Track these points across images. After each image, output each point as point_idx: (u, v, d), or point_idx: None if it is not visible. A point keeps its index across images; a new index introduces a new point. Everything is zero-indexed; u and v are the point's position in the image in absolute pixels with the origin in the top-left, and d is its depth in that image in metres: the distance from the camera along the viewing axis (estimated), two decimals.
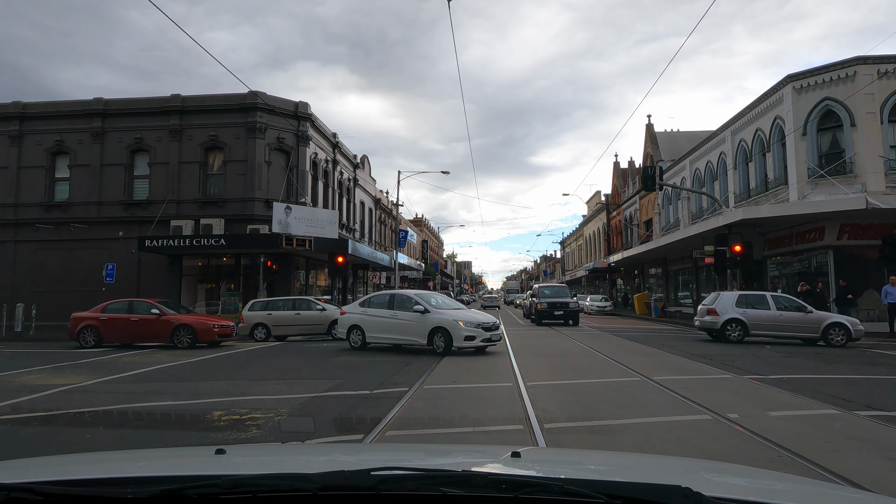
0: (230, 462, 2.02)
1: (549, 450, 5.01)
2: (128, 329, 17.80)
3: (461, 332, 14.03)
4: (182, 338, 17.29)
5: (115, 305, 18.70)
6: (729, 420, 6.74)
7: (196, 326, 17.46)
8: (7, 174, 27.28)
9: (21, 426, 7.34)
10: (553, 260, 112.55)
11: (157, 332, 17.53)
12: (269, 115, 26.63)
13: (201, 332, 17.40)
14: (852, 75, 21.30)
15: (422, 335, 14.58)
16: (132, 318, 17.81)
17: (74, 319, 18.38)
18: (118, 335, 17.84)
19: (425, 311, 14.67)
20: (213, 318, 19.61)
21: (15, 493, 1.44)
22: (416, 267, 55.22)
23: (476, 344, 14.12)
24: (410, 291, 17.07)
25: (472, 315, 15.22)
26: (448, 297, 16.97)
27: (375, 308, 15.84)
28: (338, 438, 6.46)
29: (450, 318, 14.39)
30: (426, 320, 14.60)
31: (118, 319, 17.89)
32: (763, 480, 2.11)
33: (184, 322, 17.50)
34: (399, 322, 15.06)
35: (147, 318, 17.71)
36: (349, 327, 15.99)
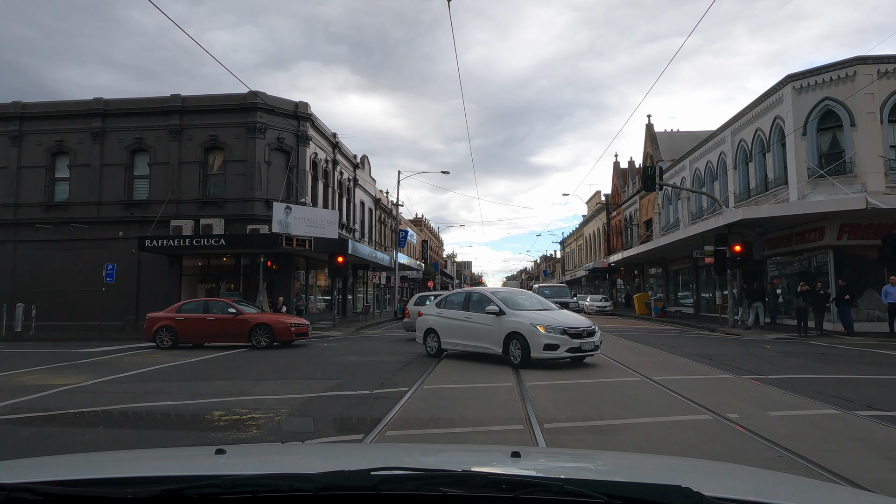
0: (230, 462, 2.02)
1: (549, 450, 5.01)
2: (205, 329, 17.39)
3: (540, 340, 11.44)
4: (259, 337, 16.84)
5: (189, 305, 18.40)
6: (729, 420, 6.74)
7: (274, 326, 17.00)
8: (7, 174, 27.28)
9: (21, 426, 7.34)
10: (553, 260, 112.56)
11: (234, 331, 17.12)
12: (269, 115, 26.62)
13: (279, 331, 16.96)
14: (852, 75, 21.30)
15: (496, 342, 12.27)
16: (209, 318, 17.41)
17: (150, 320, 17.97)
18: (195, 335, 17.43)
19: (500, 313, 12.30)
20: (289, 316, 19.08)
21: (15, 493, 1.44)
22: (416, 267, 55.21)
23: (559, 355, 11.44)
24: (488, 288, 14.67)
25: (557, 317, 12.28)
26: (534, 295, 14.32)
27: (451, 309, 13.78)
28: (338, 438, 6.46)
29: (526, 322, 11.80)
30: (501, 324, 12.19)
31: (195, 319, 17.45)
32: (763, 480, 2.11)
33: (262, 321, 17.08)
34: (473, 326, 12.90)
35: (224, 317, 17.33)
36: (425, 331, 14.14)
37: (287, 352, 16.09)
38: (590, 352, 11.81)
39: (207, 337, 17.49)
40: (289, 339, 17.04)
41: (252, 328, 16.96)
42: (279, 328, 17.00)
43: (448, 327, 13.54)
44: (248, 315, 17.33)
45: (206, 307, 18.02)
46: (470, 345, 13.03)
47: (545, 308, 13.12)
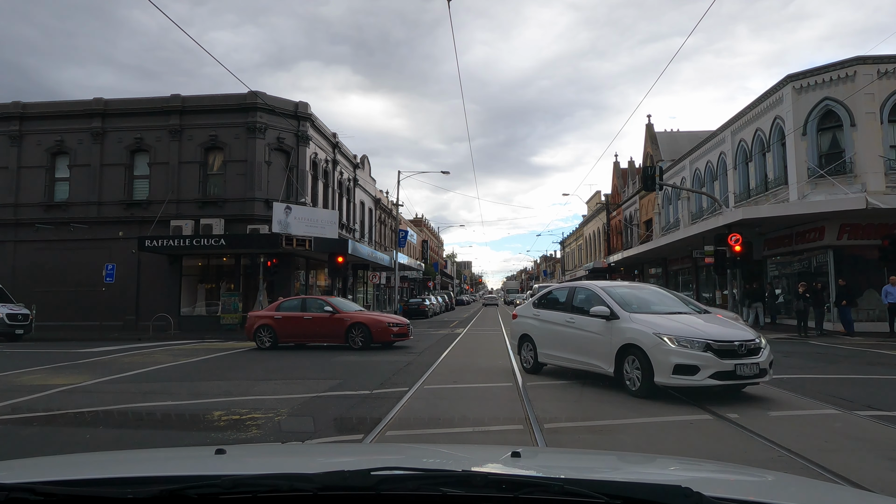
0: (230, 462, 2.02)
1: (549, 450, 5.01)
2: (302, 328, 16.61)
3: (668, 358, 7.80)
4: (356, 337, 15.85)
5: (288, 303, 17.70)
6: (729, 420, 6.74)
7: (371, 326, 15.92)
8: (7, 174, 27.28)
9: (21, 426, 7.34)
10: (553, 260, 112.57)
11: (330, 331, 16.23)
12: (269, 115, 26.62)
13: (377, 331, 15.86)
14: (852, 75, 21.30)
15: (605, 357, 8.81)
16: (306, 317, 16.62)
17: (251, 318, 17.50)
18: (292, 335, 16.75)
19: (611, 317, 8.83)
20: (387, 315, 18.04)
21: (15, 493, 1.44)
22: (416, 267, 55.22)
23: (699, 381, 7.64)
24: (599, 283, 10.27)
25: (696, 325, 8.33)
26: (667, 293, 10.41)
27: (550, 309, 10.59)
28: (338, 438, 6.46)
29: (647, 331, 8.18)
30: (612, 332, 8.72)
31: (292, 318, 16.71)
32: (763, 480, 2.11)
33: (358, 320, 16.05)
34: (575, 333, 9.53)
35: (320, 316, 16.44)
36: (519, 338, 11.24)
37: (287, 352, 16.09)
38: (751, 379, 7.91)
39: (305, 336, 16.65)
40: (387, 339, 15.93)
41: (349, 328, 15.93)
42: (377, 328, 15.90)
43: (546, 334, 10.39)
44: (344, 313, 16.34)
45: (303, 305, 17.20)
46: (571, 359, 9.75)
47: (679, 311, 9.19)
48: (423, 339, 19.76)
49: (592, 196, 65.73)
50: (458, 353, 14.74)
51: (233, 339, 21.34)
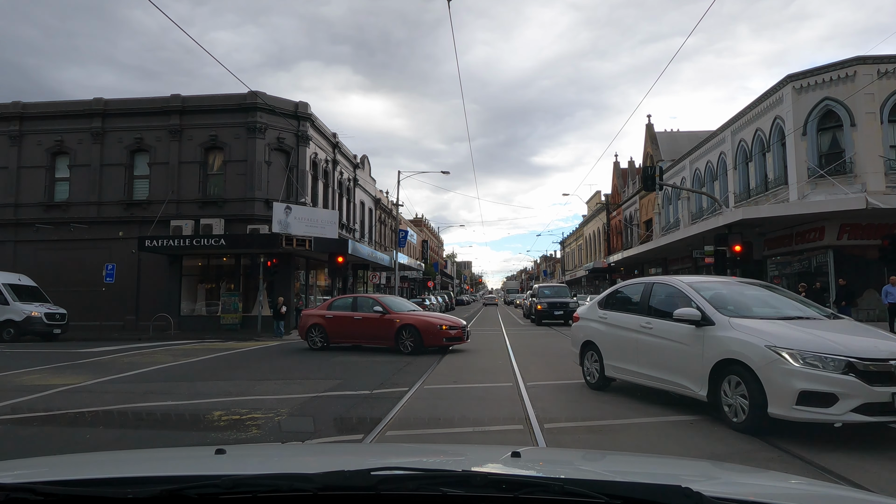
0: (230, 462, 2.02)
1: (549, 450, 5.01)
2: (352, 329, 15.65)
3: (790, 382, 5.70)
4: (405, 341, 14.59)
5: (340, 301, 16.92)
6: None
7: (421, 328, 14.60)
8: (7, 174, 27.29)
9: (21, 426, 7.34)
10: (553, 260, 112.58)
11: (380, 333, 15.15)
12: (269, 115, 26.63)
13: (428, 334, 14.50)
14: (852, 75, 21.30)
15: (695, 375, 6.77)
16: (356, 317, 15.62)
17: (304, 317, 16.78)
18: (343, 336, 15.82)
19: (703, 322, 6.78)
20: (440, 316, 16.56)
21: (15, 493, 1.44)
22: (416, 267, 55.24)
23: (836, 415, 5.48)
24: (682, 279, 7.96)
25: (824, 336, 6.03)
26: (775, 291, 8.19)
27: (620, 311, 8.57)
28: (338, 438, 6.46)
29: (756, 342, 6.11)
30: (707, 341, 6.67)
31: (343, 318, 15.80)
32: (763, 480, 2.11)
33: (408, 322, 14.82)
34: (654, 342, 7.53)
35: (370, 316, 15.41)
36: (581, 345, 9.34)
37: (287, 352, 16.09)
38: None
39: (355, 338, 15.73)
40: (438, 343, 14.58)
41: (398, 330, 14.75)
42: (428, 331, 14.54)
43: (615, 342, 8.41)
44: (395, 314, 15.16)
45: (354, 304, 16.23)
46: (648, 375, 7.67)
47: (797, 315, 6.91)
48: None
49: (592, 196, 65.75)
50: (457, 353, 14.74)
51: (233, 339, 21.36)
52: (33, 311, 21.40)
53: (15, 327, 21.03)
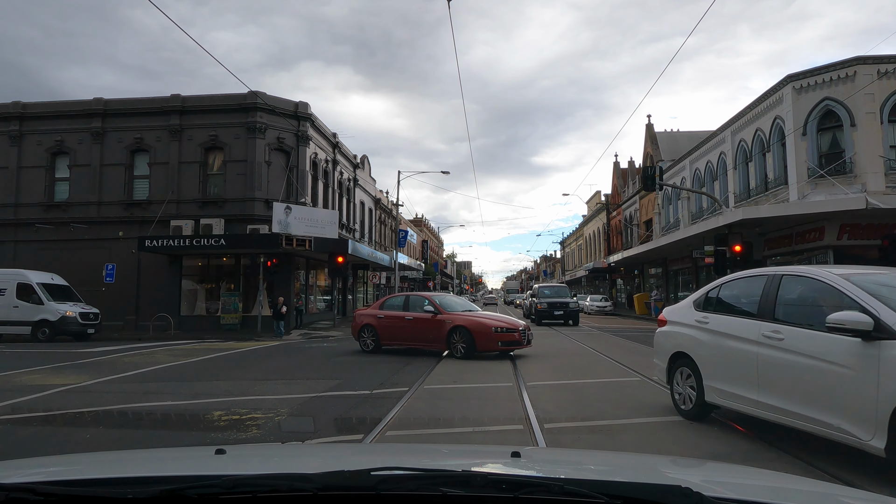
0: (230, 462, 2.02)
1: (549, 450, 5.01)
2: (403, 330, 14.57)
3: None
4: (457, 344, 13.41)
5: (392, 300, 15.85)
6: (729, 420, 6.73)
7: (473, 329, 13.32)
8: (7, 174, 27.29)
9: (21, 426, 7.34)
10: (553, 260, 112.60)
11: (431, 335, 14.00)
12: (269, 115, 26.63)
13: (481, 337, 13.23)
14: (852, 75, 21.31)
15: (865, 418, 4.51)
16: (407, 318, 14.56)
17: (357, 317, 15.87)
18: (394, 338, 14.77)
19: (878, 335, 4.51)
20: (496, 317, 14.89)
21: (15, 493, 1.44)
22: (416, 267, 55.25)
23: None
24: (831, 269, 5.52)
25: None
26: None
27: (727, 314, 6.40)
28: (338, 438, 6.46)
29: None
30: (886, 366, 4.40)
31: (394, 319, 14.79)
32: (763, 480, 2.11)
33: (458, 323, 13.58)
34: (788, 360, 5.33)
35: (421, 317, 14.30)
36: (669, 358, 7.18)
37: (287, 352, 16.08)
38: None
39: (406, 340, 14.60)
40: (493, 348, 13.30)
41: (450, 332, 13.57)
42: (480, 333, 13.27)
43: (720, 356, 6.30)
44: (446, 314, 13.98)
45: (406, 303, 15.09)
46: (779, 408, 5.41)
47: None
48: None
49: (592, 196, 65.76)
50: None
51: (233, 339, 21.36)
52: (68, 310, 21.23)
53: (50, 327, 20.82)
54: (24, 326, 20.95)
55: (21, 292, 21.26)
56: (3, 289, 21.28)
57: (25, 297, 21.21)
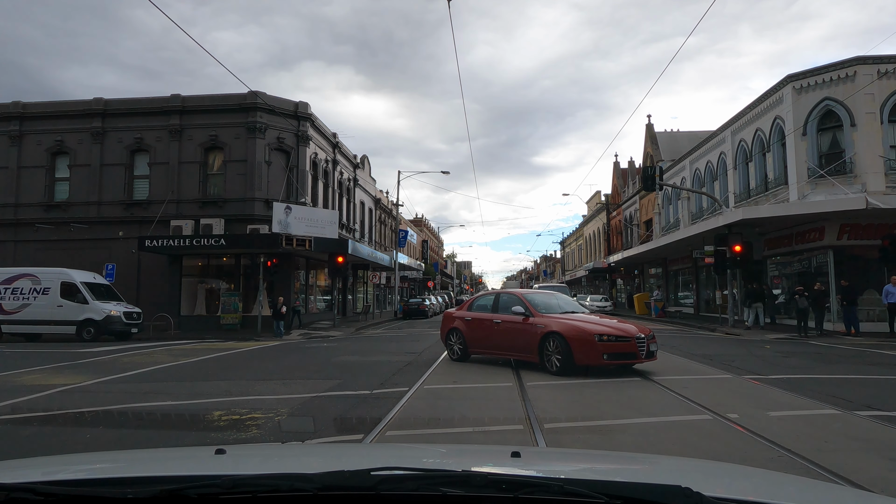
0: (230, 462, 2.02)
1: (549, 450, 5.01)
2: (491, 336, 12.13)
3: None
4: (551, 355, 10.61)
5: (482, 299, 13.47)
6: (729, 420, 6.73)
7: (570, 336, 10.40)
8: (7, 174, 27.30)
9: (21, 426, 7.34)
10: (553, 260, 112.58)
11: (521, 342, 11.37)
12: (269, 115, 26.64)
13: (579, 346, 10.25)
14: (852, 75, 21.31)
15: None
16: (495, 321, 12.02)
17: (445, 318, 13.68)
18: (482, 345, 12.41)
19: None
20: (599, 322, 11.24)
21: (15, 493, 1.44)
22: (416, 267, 55.23)
23: None
24: None
25: None
26: None
27: None
28: (338, 438, 6.45)
29: None
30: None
31: (482, 322, 12.38)
32: (763, 480, 2.11)
33: (552, 329, 10.74)
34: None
35: (510, 320, 11.67)
36: None
37: (287, 352, 16.08)
38: None
39: (493, 347, 12.16)
40: (596, 362, 10.19)
41: (543, 339, 10.85)
42: (579, 342, 10.30)
43: None
44: (539, 317, 11.24)
45: (496, 303, 12.58)
46: None
47: None
48: (422, 339, 19.76)
49: (592, 196, 65.77)
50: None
51: (233, 338, 21.35)
52: (112, 309, 21.12)
53: (95, 327, 20.67)
54: (69, 326, 20.79)
55: (65, 292, 21.12)
56: (47, 288, 21.14)
57: (69, 296, 21.07)
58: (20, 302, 21.12)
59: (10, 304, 21.13)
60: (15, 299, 21.16)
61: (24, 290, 21.20)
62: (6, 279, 21.38)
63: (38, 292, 21.11)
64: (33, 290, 21.17)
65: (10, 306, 21.12)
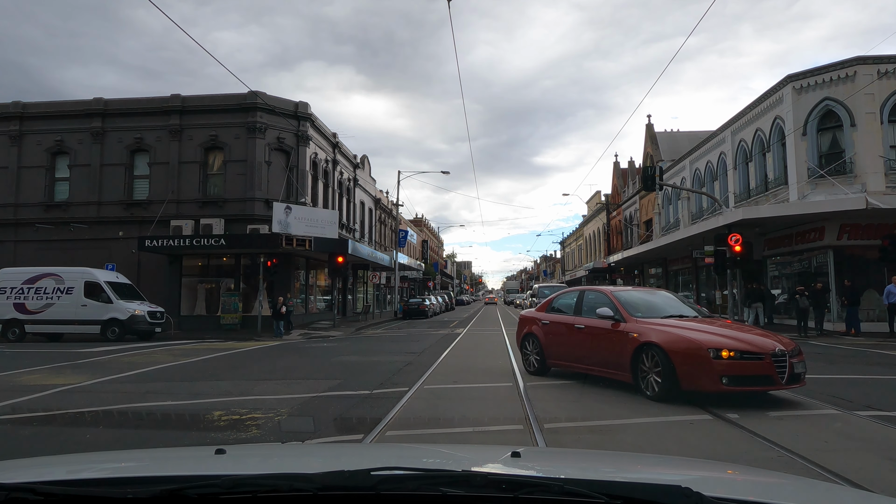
0: (230, 462, 2.02)
1: (549, 450, 5.01)
2: (571, 345, 9.75)
3: None
4: (648, 374, 8.07)
5: (563, 298, 10.73)
6: (729, 420, 6.73)
7: (672, 351, 7.79)
8: (7, 174, 27.30)
9: (21, 426, 7.34)
10: (553, 260, 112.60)
11: (608, 355, 8.89)
12: (269, 115, 26.64)
13: (687, 364, 7.66)
14: (852, 75, 21.31)
15: None
16: (577, 326, 9.61)
17: (522, 320, 11.47)
18: (561, 354, 9.97)
19: None
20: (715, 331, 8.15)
21: (15, 493, 1.44)
22: (416, 267, 55.24)
23: None
24: None
25: None
26: None
27: None
28: (338, 438, 6.45)
29: None
30: None
31: (562, 327, 10.02)
32: (763, 480, 2.11)
33: (650, 340, 8.14)
34: None
35: (596, 326, 9.15)
36: None
37: (287, 352, 16.08)
38: None
39: (574, 360, 9.69)
40: (709, 387, 7.52)
41: (636, 352, 8.30)
42: (686, 357, 7.70)
43: None
44: (633, 322, 8.64)
45: (579, 303, 10.02)
46: None
47: None
48: (422, 339, 19.77)
49: (592, 196, 65.77)
50: (458, 353, 14.74)
51: (233, 338, 21.35)
52: (136, 309, 20.98)
53: (119, 326, 20.54)
54: (93, 326, 20.68)
55: (89, 291, 21.02)
56: (71, 287, 21.03)
57: (93, 296, 20.95)
58: (43, 301, 21.02)
59: (33, 304, 21.04)
60: (38, 299, 21.06)
61: (47, 289, 21.10)
62: (29, 279, 21.29)
63: (61, 292, 21.02)
64: (57, 290, 21.07)
65: (34, 306, 21.02)
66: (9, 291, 21.12)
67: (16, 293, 21.10)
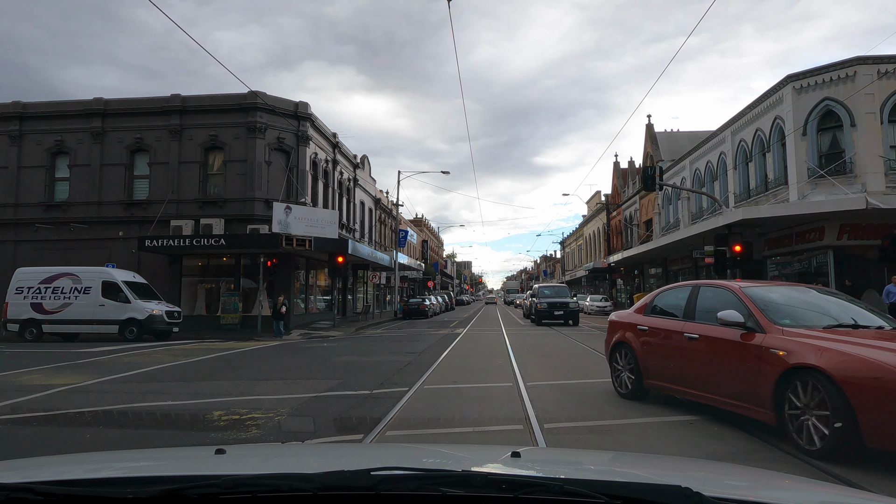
0: (230, 462, 2.02)
1: (549, 450, 5.01)
2: (679, 361, 7.22)
3: None
4: (803, 416, 5.24)
5: (668, 296, 8.15)
6: (728, 420, 6.73)
7: (845, 379, 4.84)
8: (7, 174, 27.29)
9: (21, 426, 7.34)
10: (553, 260, 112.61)
11: (736, 380, 6.15)
12: (269, 115, 26.63)
13: (875, 404, 4.69)
14: (852, 75, 21.31)
15: None
16: (687, 335, 6.98)
17: (611, 325, 9.08)
18: (666, 374, 7.45)
19: None
20: None
21: (15, 493, 1.44)
22: (416, 267, 55.23)
23: None
24: None
25: None
26: None
27: None
28: (338, 438, 6.45)
29: None
30: None
31: (666, 336, 7.57)
32: (763, 480, 2.11)
33: (808, 363, 5.21)
34: None
35: (716, 336, 6.55)
36: None
37: (287, 352, 16.07)
38: None
39: (686, 383, 7.05)
40: None
41: (783, 379, 5.46)
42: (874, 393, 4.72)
43: None
44: (776, 335, 5.78)
45: (689, 304, 7.38)
46: None
47: None
48: (422, 339, 19.77)
49: (592, 196, 65.78)
50: (458, 353, 14.74)
51: (233, 338, 21.36)
52: (154, 309, 20.97)
53: (137, 326, 20.49)
54: (111, 325, 20.65)
55: (106, 291, 20.97)
56: (88, 287, 20.98)
57: (111, 295, 20.91)
58: (61, 301, 20.97)
59: (50, 304, 20.98)
60: (56, 299, 20.99)
61: (64, 289, 21.02)
62: (46, 278, 21.24)
63: (79, 291, 20.96)
64: (74, 290, 21.00)
65: (51, 306, 20.96)
66: (26, 291, 21.08)
67: (33, 293, 21.06)
